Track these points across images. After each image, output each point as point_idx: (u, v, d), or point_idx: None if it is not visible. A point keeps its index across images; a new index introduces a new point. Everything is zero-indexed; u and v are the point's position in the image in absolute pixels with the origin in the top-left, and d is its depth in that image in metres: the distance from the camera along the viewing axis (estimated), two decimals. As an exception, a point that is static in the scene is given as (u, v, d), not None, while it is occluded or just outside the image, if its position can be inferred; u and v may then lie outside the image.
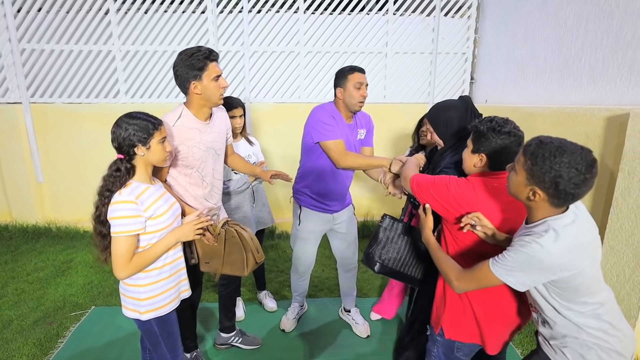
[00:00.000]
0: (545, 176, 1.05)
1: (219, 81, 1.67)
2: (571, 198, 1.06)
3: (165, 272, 1.49)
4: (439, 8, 3.97)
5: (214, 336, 2.40)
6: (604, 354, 1.16)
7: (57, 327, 2.51)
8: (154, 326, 1.50)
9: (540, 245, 1.06)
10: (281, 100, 4.07)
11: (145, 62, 3.87)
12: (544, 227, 1.10)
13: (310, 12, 3.91)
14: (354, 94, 2.00)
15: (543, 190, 1.07)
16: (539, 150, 1.07)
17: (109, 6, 3.69)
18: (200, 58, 1.60)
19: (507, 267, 1.13)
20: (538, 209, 1.13)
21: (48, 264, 3.37)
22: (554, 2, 2.95)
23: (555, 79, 2.94)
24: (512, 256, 1.12)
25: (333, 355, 2.30)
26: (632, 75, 2.32)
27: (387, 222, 1.80)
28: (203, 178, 1.81)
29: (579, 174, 1.02)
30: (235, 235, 1.71)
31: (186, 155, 1.71)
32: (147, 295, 1.45)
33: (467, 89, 4.24)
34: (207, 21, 3.81)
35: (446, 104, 1.76)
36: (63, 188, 4.04)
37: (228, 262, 1.73)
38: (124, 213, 1.34)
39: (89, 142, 3.90)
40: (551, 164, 1.03)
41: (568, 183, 1.02)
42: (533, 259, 1.08)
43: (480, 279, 1.22)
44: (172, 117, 1.69)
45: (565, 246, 1.06)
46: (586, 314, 1.16)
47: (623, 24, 2.38)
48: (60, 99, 3.87)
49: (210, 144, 1.78)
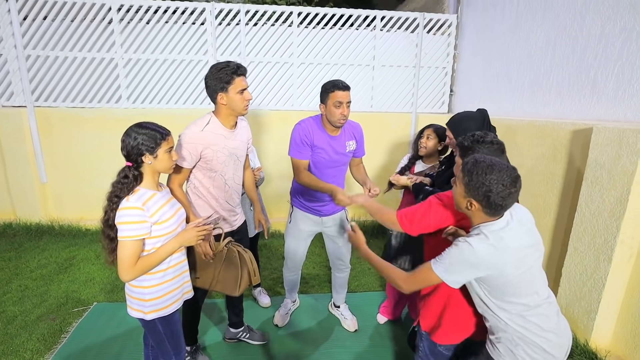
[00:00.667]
0: (478, 190, 1.16)
1: (244, 94, 1.73)
2: (500, 208, 1.17)
3: (169, 274, 1.47)
4: (422, 25, 4.02)
5: (224, 330, 2.39)
6: (530, 350, 1.22)
7: (60, 323, 2.45)
8: (158, 325, 1.48)
9: (470, 244, 1.17)
10: (275, 107, 4.06)
11: (147, 70, 3.80)
12: (476, 231, 1.22)
13: (304, 26, 3.91)
14: (334, 112, 1.96)
15: (477, 201, 1.18)
16: (473, 167, 1.18)
17: (112, 16, 3.61)
18: (228, 73, 1.66)
19: (445, 265, 1.21)
20: (475, 217, 1.24)
21: (51, 261, 3.29)
22: (526, 25, 3.02)
23: (527, 95, 3.02)
24: (448, 254, 1.22)
25: (322, 349, 2.31)
26: (594, 94, 2.40)
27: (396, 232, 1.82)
28: (225, 182, 1.85)
29: (505, 188, 1.13)
30: (236, 256, 1.72)
31: (211, 159, 1.75)
32: (151, 297, 1.43)
33: (447, 101, 4.31)
34: (206, 32, 3.77)
35: (466, 114, 1.80)
36: (66, 188, 3.94)
37: (221, 281, 1.74)
38: (131, 218, 1.33)
39: (91, 144, 3.81)
40: (483, 180, 1.14)
41: (496, 196, 1.14)
42: (463, 255, 1.18)
43: (424, 279, 1.29)
44: (202, 123, 1.74)
45: (491, 247, 1.16)
46: (512, 312, 1.22)
47: (586, 48, 2.46)
48: (64, 103, 3.78)
49: (233, 150, 1.83)
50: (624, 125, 1.93)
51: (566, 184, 2.39)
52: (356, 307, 2.71)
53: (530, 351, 1.22)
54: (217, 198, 1.86)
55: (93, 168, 3.86)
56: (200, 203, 1.85)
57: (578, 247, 2.15)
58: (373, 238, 4.02)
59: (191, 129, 1.71)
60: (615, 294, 2.05)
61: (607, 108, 2.31)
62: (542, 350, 1.22)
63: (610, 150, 1.95)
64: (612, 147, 1.94)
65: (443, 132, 2.23)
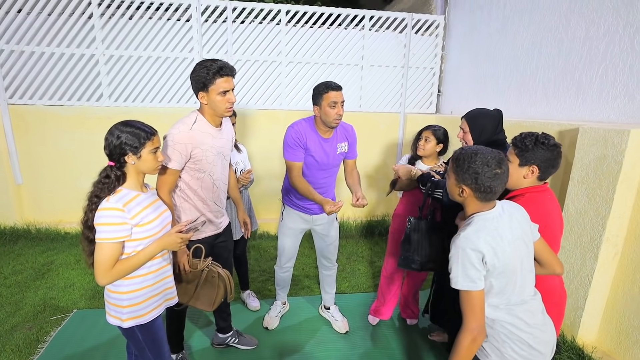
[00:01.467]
0: (466, 174, 1.20)
1: (227, 96, 1.65)
2: (490, 191, 1.19)
3: (148, 279, 1.40)
4: (410, 26, 4.02)
5: (211, 335, 2.31)
6: (517, 347, 1.22)
7: (37, 332, 2.32)
8: (137, 333, 1.41)
9: (463, 235, 1.19)
10: (263, 107, 3.99)
11: (130, 67, 3.67)
12: (469, 220, 1.24)
13: (292, 25, 3.85)
14: (329, 112, 1.95)
15: (467, 186, 1.22)
16: (460, 154, 1.24)
17: (93, 10, 3.46)
18: (210, 73, 1.58)
19: (463, 275, 1.17)
20: (469, 204, 1.26)
21: (27, 267, 3.12)
22: (512, 27, 3.06)
23: (513, 95, 3.05)
24: (454, 263, 1.19)
25: (314, 352, 2.27)
26: (579, 95, 2.44)
27: (414, 224, 1.85)
28: (214, 182, 1.79)
29: (490, 169, 1.17)
30: (215, 276, 1.71)
31: (201, 159, 1.68)
32: (129, 303, 1.36)
33: (434, 101, 4.33)
34: (192, 29, 3.66)
35: (485, 111, 1.80)
36: (43, 190, 3.76)
37: (197, 297, 1.71)
38: (110, 220, 1.26)
39: (70, 144, 3.65)
40: (469, 164, 1.20)
41: (484, 177, 1.18)
42: (460, 248, 1.18)
43: (473, 304, 1.17)
44: (189, 121, 1.66)
45: (485, 233, 1.18)
46: (500, 308, 1.23)
47: (571, 50, 2.50)
48: (41, 101, 3.60)
49: (220, 149, 1.77)
50: (609, 126, 1.97)
51: (553, 184, 2.42)
52: (347, 308, 2.67)
53: (517, 348, 1.22)
54: (205, 200, 1.79)
55: (72, 169, 3.70)
56: (187, 206, 1.77)
57: (565, 245, 2.18)
58: (362, 238, 4.01)
59: (179, 128, 1.62)
60: (601, 291, 2.08)
61: (592, 109, 2.35)
62: (529, 346, 1.22)
63: (595, 150, 1.99)
64: (597, 147, 1.98)
65: (442, 134, 2.23)
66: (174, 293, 1.56)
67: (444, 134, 2.23)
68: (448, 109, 4.15)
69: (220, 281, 1.71)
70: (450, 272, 1.20)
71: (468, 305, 1.17)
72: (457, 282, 1.18)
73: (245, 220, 2.15)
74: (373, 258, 3.56)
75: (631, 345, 1.99)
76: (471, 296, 1.17)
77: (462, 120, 1.82)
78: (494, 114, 1.78)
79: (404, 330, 2.50)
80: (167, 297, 1.52)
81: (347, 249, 3.70)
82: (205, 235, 1.84)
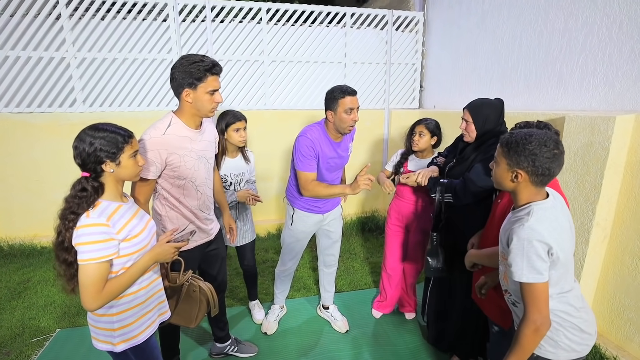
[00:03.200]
0: (521, 157, 1.13)
1: (214, 95, 1.52)
2: (548, 174, 1.12)
3: (140, 297, 1.26)
4: (391, 23, 4.02)
5: (208, 346, 2.20)
6: (570, 334, 1.20)
7: (16, 357, 2.12)
8: (131, 356, 1.27)
9: (528, 226, 1.10)
10: (247, 107, 3.87)
11: (104, 70, 3.45)
12: (527, 210, 1.15)
13: (273, 23, 3.75)
14: (345, 119, 1.87)
15: (523, 169, 1.14)
16: (512, 138, 1.16)
17: (61, 11, 3.23)
18: (202, 69, 1.44)
19: (529, 268, 1.10)
20: (522, 190, 1.18)
21: (1, 286, 2.88)
22: (492, 21, 3.09)
23: (496, 87, 3.09)
24: (517, 254, 1.11)
25: (315, 354, 2.20)
26: (561, 85, 2.49)
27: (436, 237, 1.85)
28: (197, 188, 1.63)
29: (548, 149, 1.10)
30: (197, 291, 1.57)
31: (178, 165, 1.52)
32: (120, 325, 1.22)
33: (417, 96, 4.35)
34: (170, 29, 3.49)
35: (487, 101, 1.75)
36: (15, 203, 3.48)
37: (178, 313, 1.57)
38: (93, 238, 1.10)
39: (42, 153, 3.40)
40: (524, 145, 1.12)
41: (542, 159, 1.10)
42: (525, 240, 1.10)
43: (538, 297, 1.11)
44: (162, 125, 1.49)
45: (548, 224, 1.11)
46: (553, 298, 1.18)
47: (551, 42, 2.55)
48: (8, 108, 3.33)
49: (201, 153, 1.61)
50: (595, 113, 2.01)
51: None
52: (345, 306, 2.63)
53: (570, 334, 1.19)
54: (191, 208, 1.64)
55: (46, 180, 3.45)
56: (174, 215, 1.63)
57: (556, 231, 2.21)
58: (353, 236, 3.97)
59: (150, 134, 1.46)
60: (592, 274, 2.13)
61: (574, 98, 2.40)
62: (580, 330, 1.20)
63: (582, 138, 2.02)
64: (584, 135, 2.01)
65: (434, 126, 2.21)
66: (167, 306, 1.44)
67: (437, 127, 2.22)
68: (431, 104, 4.18)
69: (202, 295, 1.57)
70: (512, 265, 1.12)
71: (533, 298, 1.11)
72: (522, 274, 1.10)
73: (231, 226, 2.03)
74: (366, 254, 3.53)
75: (623, 324, 2.05)
76: (536, 288, 1.10)
77: (464, 111, 1.78)
78: (497, 104, 1.74)
79: (404, 325, 2.47)
80: (160, 311, 1.40)
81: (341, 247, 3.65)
82: (196, 244, 1.72)
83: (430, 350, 2.23)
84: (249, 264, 2.44)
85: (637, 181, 1.94)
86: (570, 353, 1.21)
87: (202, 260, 1.82)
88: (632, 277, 1.99)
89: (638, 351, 1.99)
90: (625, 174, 1.98)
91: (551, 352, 1.21)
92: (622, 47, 2.09)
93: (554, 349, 1.21)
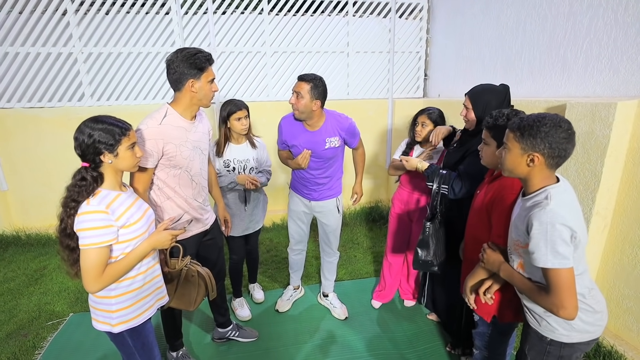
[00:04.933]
0: (537, 139, 1.09)
1: (213, 85, 1.61)
2: (564, 155, 1.10)
3: (138, 281, 1.33)
4: (394, 10, 3.94)
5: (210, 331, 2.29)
6: (583, 315, 1.18)
7: (33, 339, 2.25)
8: (127, 338, 1.34)
9: (550, 210, 1.07)
10: (250, 98, 3.89)
11: (110, 64, 3.52)
12: (544, 194, 1.12)
13: (274, 13, 3.73)
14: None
15: (539, 152, 1.10)
16: (523, 122, 1.12)
17: (67, 7, 3.29)
18: (202, 59, 1.53)
19: (553, 252, 1.05)
20: (536, 175, 1.14)
21: (19, 273, 3.03)
22: (496, 6, 3.01)
23: (500, 75, 3.02)
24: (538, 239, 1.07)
25: (314, 340, 2.25)
26: (565, 71, 2.42)
27: (429, 227, 1.80)
28: (192, 178, 1.69)
29: (563, 130, 1.08)
30: (195, 275, 1.64)
31: (174, 155, 1.58)
32: (118, 307, 1.29)
33: (421, 85, 4.28)
34: (172, 22, 3.52)
35: (490, 87, 1.70)
36: (29, 195, 3.63)
37: (177, 297, 1.65)
38: (94, 224, 1.17)
39: (53, 146, 3.51)
40: (539, 127, 1.09)
41: (559, 140, 1.08)
42: (547, 224, 1.06)
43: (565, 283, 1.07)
44: (158, 116, 1.56)
45: (569, 208, 1.09)
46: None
47: (555, 26, 2.47)
48: (20, 103, 3.44)
49: (196, 143, 1.67)
50: (596, 100, 1.95)
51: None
52: (345, 294, 2.67)
53: (584, 316, 1.17)
54: (186, 197, 1.69)
55: (58, 171, 3.57)
56: (168, 205, 1.68)
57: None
58: (357, 226, 4.00)
59: (147, 124, 1.52)
60: (591, 263, 2.10)
61: (578, 84, 2.33)
62: (594, 311, 1.18)
63: (583, 125, 1.97)
64: (585, 122, 1.96)
65: (437, 116, 2.15)
66: (164, 292, 1.50)
67: (440, 116, 2.16)
68: (435, 93, 4.11)
69: (201, 279, 1.64)
70: (535, 252, 1.08)
71: (562, 285, 1.06)
72: (547, 260, 1.05)
73: (226, 218, 2.10)
74: (369, 244, 3.55)
75: (622, 313, 2.03)
76: (562, 274, 1.06)
77: (465, 97, 1.74)
78: (500, 89, 1.68)
79: (402, 313, 2.50)
80: (158, 296, 1.45)
81: (343, 237, 3.69)
82: (192, 234, 1.77)
83: (427, 337, 2.26)
84: (251, 248, 2.52)
85: (639, 169, 1.89)
86: (584, 335, 1.20)
87: (199, 250, 1.87)
88: (632, 266, 1.96)
89: (636, 340, 1.97)
90: (627, 162, 1.94)
91: (565, 335, 1.20)
92: (628, 30, 2.01)
93: (567, 332, 1.19)
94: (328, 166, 2.15)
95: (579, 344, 1.21)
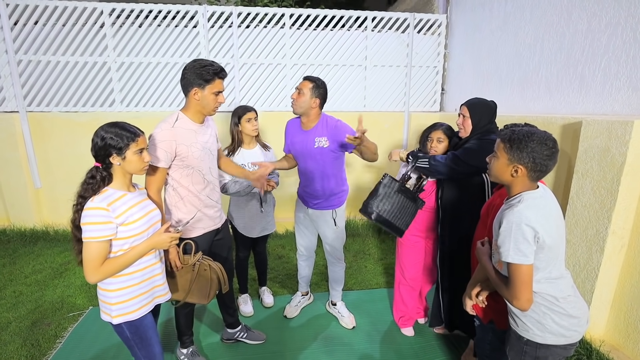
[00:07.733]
0: (523, 153, 1.18)
1: (219, 97, 1.73)
2: (544, 169, 1.19)
3: (135, 278, 1.40)
4: (413, 26, 4.02)
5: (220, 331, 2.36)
6: (557, 318, 1.23)
7: (55, 328, 2.39)
8: (125, 330, 1.42)
9: (517, 211, 1.18)
10: (269, 109, 4.03)
11: (140, 73, 3.76)
12: (518, 198, 1.23)
13: (296, 27, 3.89)
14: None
15: (523, 165, 1.20)
16: (514, 134, 1.21)
17: (104, 20, 3.56)
18: (210, 72, 1.66)
19: (514, 250, 1.16)
20: (518, 184, 1.24)
21: (46, 266, 3.22)
22: (514, 23, 3.03)
23: (516, 91, 3.02)
24: (504, 236, 1.18)
25: (320, 347, 2.27)
26: (582, 89, 2.41)
27: (387, 180, 1.93)
28: (204, 176, 1.81)
29: (547, 148, 1.17)
30: (207, 269, 1.74)
31: (186, 155, 1.71)
32: (116, 300, 1.37)
33: (438, 99, 4.31)
34: (199, 35, 3.73)
35: (484, 101, 1.88)
36: (60, 193, 3.87)
37: (192, 292, 1.75)
38: (94, 219, 1.27)
39: (85, 149, 3.69)
40: (526, 143, 1.18)
41: (542, 157, 1.17)
42: (513, 223, 1.17)
43: (522, 280, 1.17)
44: (171, 120, 1.71)
45: (536, 211, 1.18)
46: (541, 282, 1.23)
47: (573, 43, 2.46)
48: (57, 107, 3.71)
49: (205, 144, 1.80)
50: (613, 118, 1.93)
51: (557, 177, 2.39)
52: (353, 304, 2.68)
53: (558, 319, 1.23)
54: (199, 195, 1.80)
55: (87, 172, 3.80)
56: (182, 204, 1.78)
57: (571, 239, 2.15)
58: (369, 237, 4.00)
59: (161, 127, 1.66)
60: (608, 284, 2.04)
61: (595, 102, 2.31)
62: (569, 316, 1.23)
63: (599, 143, 1.95)
64: (601, 140, 1.94)
65: (451, 131, 2.10)
66: (164, 290, 1.55)
67: (452, 130, 2.14)
68: (452, 107, 4.12)
69: (213, 273, 1.74)
70: (501, 247, 1.19)
71: (517, 279, 1.17)
72: (508, 255, 1.17)
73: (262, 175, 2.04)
74: (380, 255, 3.55)
75: (639, 338, 1.95)
76: (521, 270, 1.17)
77: (463, 107, 1.88)
78: (491, 105, 1.86)
79: (410, 326, 2.49)
80: (155, 294, 1.50)
81: (354, 247, 3.71)
82: (204, 232, 1.86)
83: (434, 351, 2.23)
84: (260, 251, 2.61)
85: (658, 189, 1.84)
86: (559, 338, 1.24)
87: (209, 250, 1.95)
88: (651, 289, 1.89)
89: (656, 368, 1.89)
90: (645, 181, 1.89)
91: (539, 336, 1.25)
92: (647, 49, 2.00)
93: (541, 332, 1.25)
94: (319, 165, 2.14)
95: (554, 347, 1.26)
